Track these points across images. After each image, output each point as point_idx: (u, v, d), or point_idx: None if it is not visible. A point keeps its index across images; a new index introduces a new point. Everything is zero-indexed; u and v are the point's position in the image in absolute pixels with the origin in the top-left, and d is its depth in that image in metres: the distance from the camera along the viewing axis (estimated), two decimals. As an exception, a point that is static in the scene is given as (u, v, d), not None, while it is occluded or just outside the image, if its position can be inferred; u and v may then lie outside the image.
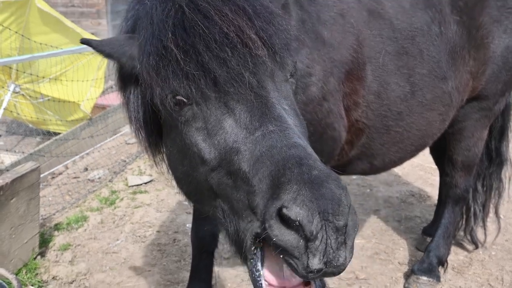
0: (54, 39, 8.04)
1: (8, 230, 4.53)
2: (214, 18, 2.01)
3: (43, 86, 8.42)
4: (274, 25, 2.11)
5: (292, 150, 1.81)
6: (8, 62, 6.94)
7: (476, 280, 4.84)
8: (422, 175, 7.21)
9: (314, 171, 1.73)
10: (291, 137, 1.87)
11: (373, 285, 4.73)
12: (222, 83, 1.96)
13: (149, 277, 4.82)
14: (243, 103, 1.98)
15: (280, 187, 1.71)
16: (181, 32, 2.01)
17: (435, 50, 3.79)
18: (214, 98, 2.00)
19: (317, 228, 1.63)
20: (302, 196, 1.66)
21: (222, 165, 2.00)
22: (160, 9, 2.12)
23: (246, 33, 2.00)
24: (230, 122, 1.98)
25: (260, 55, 2.00)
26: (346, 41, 3.41)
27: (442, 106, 3.89)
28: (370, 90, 3.52)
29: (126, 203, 6.39)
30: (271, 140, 1.86)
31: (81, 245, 5.39)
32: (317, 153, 3.34)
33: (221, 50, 1.96)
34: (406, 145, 3.89)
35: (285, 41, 2.13)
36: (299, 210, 1.64)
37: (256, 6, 2.12)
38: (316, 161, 1.80)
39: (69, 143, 7.84)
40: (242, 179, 1.91)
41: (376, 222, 5.88)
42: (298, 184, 1.68)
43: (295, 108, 2.18)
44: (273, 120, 1.92)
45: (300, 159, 1.77)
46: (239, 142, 1.94)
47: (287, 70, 2.15)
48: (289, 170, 1.73)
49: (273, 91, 2.04)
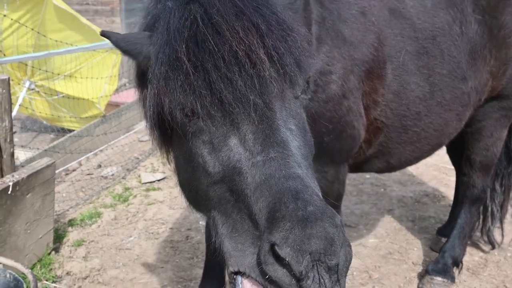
0: (69, 36, 8.08)
1: (24, 225, 4.55)
2: (225, 34, 1.98)
3: (58, 83, 8.47)
4: (287, 42, 2.07)
5: (289, 181, 1.80)
6: (24, 58, 6.98)
7: (491, 282, 4.80)
8: (436, 175, 7.18)
9: (310, 207, 1.72)
10: (290, 166, 1.86)
11: (386, 285, 4.70)
12: (227, 104, 1.94)
13: (162, 273, 4.83)
14: (249, 124, 1.96)
15: (274, 223, 1.71)
16: (193, 46, 1.99)
17: (456, 50, 3.76)
18: (220, 116, 1.98)
19: (306, 268, 1.63)
20: (294, 235, 1.65)
21: (225, 180, 2.00)
22: (177, 16, 2.10)
23: (255, 52, 1.97)
24: (235, 140, 1.97)
25: (268, 76, 1.97)
26: (366, 39, 3.40)
27: (460, 106, 3.87)
28: (389, 89, 3.50)
29: (139, 200, 6.40)
30: (271, 169, 1.85)
31: (94, 241, 5.40)
32: (336, 151, 3.36)
33: (229, 70, 1.94)
34: (423, 144, 3.87)
35: (298, 58, 2.10)
36: (289, 250, 1.64)
37: (270, 22, 2.08)
38: (312, 194, 1.78)
39: (83, 140, 7.87)
40: (243, 202, 1.92)
41: (390, 222, 5.85)
42: (291, 222, 1.68)
43: (304, 125, 2.17)
44: (275, 145, 1.91)
45: (296, 193, 1.76)
46: (242, 162, 1.93)
47: (298, 88, 2.12)
48: (284, 205, 1.73)
49: (280, 111, 2.02)
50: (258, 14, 2.07)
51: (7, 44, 7.70)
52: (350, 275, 4.69)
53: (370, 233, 5.60)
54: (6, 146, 4.43)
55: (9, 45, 7.69)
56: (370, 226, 5.75)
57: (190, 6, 2.10)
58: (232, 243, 1.96)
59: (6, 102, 4.36)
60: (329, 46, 3.24)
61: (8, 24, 7.74)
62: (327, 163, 3.42)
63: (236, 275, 1.92)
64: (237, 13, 2.05)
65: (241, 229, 1.94)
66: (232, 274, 1.93)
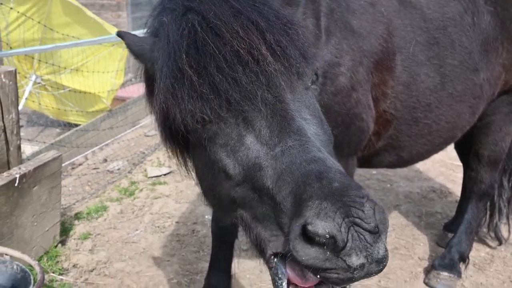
0: (75, 29, 8.07)
1: (30, 218, 4.56)
2: (225, 35, 1.98)
3: (64, 77, 8.47)
4: (289, 35, 2.06)
5: (311, 165, 1.78)
6: (30, 51, 6.99)
7: (497, 277, 4.79)
8: (443, 171, 7.15)
9: (335, 183, 1.70)
10: (310, 151, 1.84)
11: (392, 280, 4.70)
12: (235, 103, 1.94)
13: (168, 267, 4.83)
14: (261, 119, 1.95)
15: (302, 204, 1.69)
16: (194, 53, 1.98)
17: (467, 40, 3.73)
18: (232, 117, 1.97)
19: (347, 235, 1.60)
20: (325, 209, 1.63)
21: (246, 180, 1.98)
22: (175, 28, 2.09)
23: (257, 49, 1.96)
24: (251, 138, 1.96)
25: (273, 71, 1.96)
26: (375, 30, 3.38)
27: (472, 98, 3.83)
28: (399, 81, 3.47)
29: (145, 194, 6.40)
30: (291, 156, 1.83)
31: (101, 234, 5.41)
32: (345, 144, 3.34)
33: (232, 70, 1.93)
34: (434, 137, 3.83)
35: (302, 50, 2.08)
36: (324, 223, 1.61)
37: (269, 17, 2.07)
38: (336, 173, 1.76)
39: (89, 134, 7.88)
40: (267, 195, 1.90)
41: (396, 217, 5.84)
42: (319, 199, 1.66)
43: (319, 115, 2.15)
44: (292, 134, 1.89)
45: (319, 173, 1.74)
46: (261, 158, 1.92)
47: (306, 78, 2.11)
48: (309, 186, 1.71)
49: (293, 102, 2.00)
50: (256, 12, 2.06)
51: (14, 37, 7.70)
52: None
53: (376, 228, 5.58)
54: (13, 139, 4.43)
55: (15, 38, 7.70)
56: (377, 221, 5.72)
57: (187, 16, 2.10)
58: (268, 231, 1.94)
59: (13, 94, 4.35)
60: (337, 38, 3.23)
61: (14, 17, 7.75)
62: (335, 156, 3.40)
63: (275, 257, 1.90)
64: (235, 14, 2.04)
65: (272, 220, 1.91)
66: (271, 256, 1.91)
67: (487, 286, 4.67)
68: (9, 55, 5.92)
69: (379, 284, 4.61)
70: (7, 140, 4.37)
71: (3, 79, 4.25)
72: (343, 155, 3.44)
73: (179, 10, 2.15)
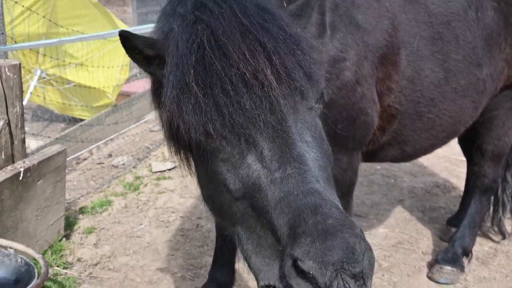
0: (81, 23, 8.07)
1: (35, 212, 4.58)
2: (232, 56, 1.98)
3: (69, 72, 8.48)
4: (296, 56, 2.07)
5: (308, 197, 1.82)
6: (35, 45, 7.00)
7: (500, 271, 4.80)
8: (447, 166, 7.15)
9: (329, 220, 1.73)
10: (308, 181, 1.87)
11: (396, 274, 4.70)
12: (238, 126, 1.96)
13: (172, 261, 4.84)
14: (264, 141, 1.97)
15: (295, 239, 1.74)
16: (201, 71, 1.99)
17: (471, 35, 3.73)
18: (234, 136, 1.99)
19: (330, 278, 1.65)
20: (315, 249, 1.68)
21: (246, 197, 2.02)
22: (185, 39, 2.09)
23: (263, 72, 1.97)
24: (252, 158, 1.99)
25: (277, 94, 1.97)
26: (380, 25, 3.39)
27: (475, 93, 3.84)
28: (403, 75, 3.48)
29: (150, 188, 6.42)
30: (289, 186, 1.87)
31: (105, 228, 5.43)
32: (350, 138, 3.35)
33: (237, 93, 1.95)
34: (438, 132, 3.84)
35: (308, 70, 2.09)
36: (311, 264, 1.67)
37: (277, 38, 2.07)
38: (331, 208, 1.79)
39: (94, 129, 7.90)
40: (265, 218, 1.94)
41: (400, 212, 5.84)
42: (312, 236, 1.70)
43: (320, 134, 2.18)
44: (292, 161, 1.92)
45: (315, 207, 1.78)
46: (261, 179, 1.95)
47: (311, 98, 2.11)
48: (303, 221, 1.75)
49: (295, 125, 2.02)
50: (265, 31, 2.06)
51: (18, 31, 7.70)
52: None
53: (380, 223, 5.60)
54: (17, 132, 4.44)
55: (20, 33, 7.70)
56: (380, 216, 5.74)
57: (197, 27, 2.09)
58: (260, 258, 2.00)
59: (17, 87, 4.37)
60: (342, 33, 3.23)
61: (19, 12, 7.75)
62: (340, 151, 3.41)
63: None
64: (243, 32, 2.04)
65: (266, 244, 1.97)
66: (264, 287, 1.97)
67: (490, 280, 4.68)
68: (14, 49, 5.93)
69: (382, 278, 4.62)
70: (11, 133, 4.39)
71: (8, 73, 4.26)
72: (348, 149, 3.45)
73: (190, 18, 2.15)
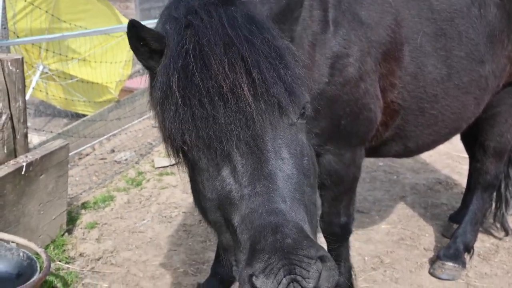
0: (83, 19, 8.06)
1: (37, 206, 4.59)
2: (212, 67, 2.01)
3: (72, 67, 8.47)
4: (277, 71, 2.07)
5: (271, 217, 1.87)
6: (38, 40, 7.00)
7: (502, 267, 4.80)
8: (449, 163, 7.15)
9: (288, 239, 1.80)
10: (273, 201, 1.92)
11: (397, 270, 4.71)
12: (212, 139, 1.99)
13: (174, 256, 4.85)
14: (238, 155, 2.01)
15: (254, 255, 1.81)
16: (183, 79, 2.03)
17: (474, 32, 3.73)
18: (209, 149, 2.03)
19: None
20: (271, 265, 1.75)
21: (220, 207, 2.10)
22: (176, 41, 2.12)
23: (240, 87, 1.98)
24: (227, 171, 2.04)
25: (254, 110, 1.99)
26: (384, 21, 3.39)
27: (478, 90, 3.84)
28: (406, 71, 3.49)
29: (152, 184, 6.43)
30: (254, 203, 1.92)
31: (107, 223, 5.44)
32: (353, 134, 3.37)
33: (212, 107, 1.98)
34: (440, 128, 3.84)
35: (290, 86, 2.09)
36: (265, 280, 1.73)
37: (261, 51, 2.07)
38: (292, 228, 1.85)
39: (96, 124, 7.88)
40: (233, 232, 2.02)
41: (402, 208, 5.85)
42: (270, 253, 1.77)
43: (301, 150, 2.19)
44: (262, 179, 1.96)
45: (276, 227, 1.83)
46: (233, 193, 2.01)
47: (292, 114, 2.12)
48: (263, 239, 1.82)
49: (272, 142, 2.04)
50: (249, 43, 2.07)
51: (21, 26, 7.68)
52: (361, 260, 4.73)
53: (382, 219, 5.60)
54: (19, 127, 4.45)
55: (22, 28, 7.67)
56: (383, 212, 5.74)
57: (187, 32, 2.12)
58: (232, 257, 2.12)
59: (20, 82, 4.37)
60: (345, 29, 3.24)
61: (22, 7, 7.73)
62: (344, 146, 3.42)
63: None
64: (227, 43, 2.06)
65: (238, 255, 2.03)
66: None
67: (491, 276, 4.68)
68: (16, 43, 5.93)
69: (384, 274, 4.63)
70: (14, 128, 4.40)
71: (10, 67, 4.26)
72: (351, 145, 3.47)
73: (182, 21, 2.18)
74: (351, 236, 4.00)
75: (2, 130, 4.30)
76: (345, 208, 3.71)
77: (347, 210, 3.73)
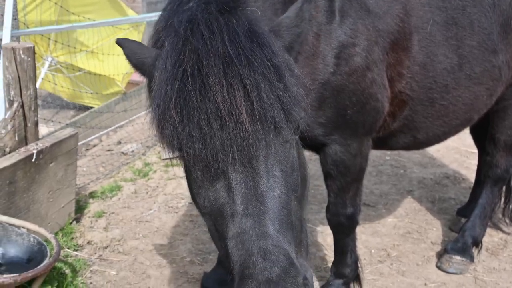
0: (92, 11, 8.08)
1: (46, 194, 4.61)
2: (211, 89, 2.03)
3: (80, 59, 8.49)
4: (275, 91, 2.08)
5: (261, 241, 1.95)
6: (47, 31, 7.01)
7: (510, 262, 4.79)
8: (457, 158, 7.13)
9: (275, 268, 1.88)
10: (264, 225, 1.99)
11: (404, 263, 4.71)
12: (209, 159, 2.03)
13: (181, 245, 4.87)
14: (232, 173, 2.05)
15: (243, 279, 1.90)
16: (181, 100, 2.05)
17: (487, 21, 3.69)
18: (204, 166, 2.08)
19: None
20: None
21: (211, 216, 2.19)
22: (174, 58, 2.14)
23: (238, 110, 2.01)
24: (221, 185, 2.09)
25: (249, 135, 2.02)
26: (392, 10, 3.37)
27: (490, 80, 3.81)
28: (415, 61, 3.47)
29: (159, 175, 6.45)
30: (246, 224, 1.99)
31: (115, 213, 5.46)
32: (359, 124, 3.36)
33: (210, 129, 2.01)
34: (451, 119, 3.81)
35: (287, 107, 2.11)
36: None
37: (260, 71, 2.08)
38: (280, 255, 1.92)
39: (103, 116, 7.90)
40: (223, 241, 2.10)
41: (409, 202, 5.84)
42: (257, 281, 1.86)
43: (292, 165, 2.23)
44: (254, 200, 2.02)
45: (265, 253, 1.91)
46: (225, 207, 2.08)
47: (286, 133, 2.15)
48: (252, 264, 1.90)
49: (265, 161, 2.09)
50: (248, 63, 2.08)
51: (31, 18, 7.70)
52: (368, 252, 4.73)
53: (389, 212, 5.60)
54: (30, 115, 4.46)
55: (32, 20, 7.69)
56: (389, 206, 5.74)
57: (186, 48, 2.13)
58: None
59: (31, 70, 4.38)
60: (352, 18, 3.23)
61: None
62: (350, 136, 3.41)
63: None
64: (227, 64, 2.07)
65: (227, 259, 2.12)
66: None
67: (500, 270, 4.67)
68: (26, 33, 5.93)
69: (391, 267, 4.63)
70: (25, 116, 4.41)
71: (22, 55, 4.28)
72: (358, 135, 3.45)
73: (181, 36, 2.18)
74: (358, 229, 4.00)
75: (14, 118, 4.32)
76: (352, 199, 3.69)
77: (354, 201, 3.72)
